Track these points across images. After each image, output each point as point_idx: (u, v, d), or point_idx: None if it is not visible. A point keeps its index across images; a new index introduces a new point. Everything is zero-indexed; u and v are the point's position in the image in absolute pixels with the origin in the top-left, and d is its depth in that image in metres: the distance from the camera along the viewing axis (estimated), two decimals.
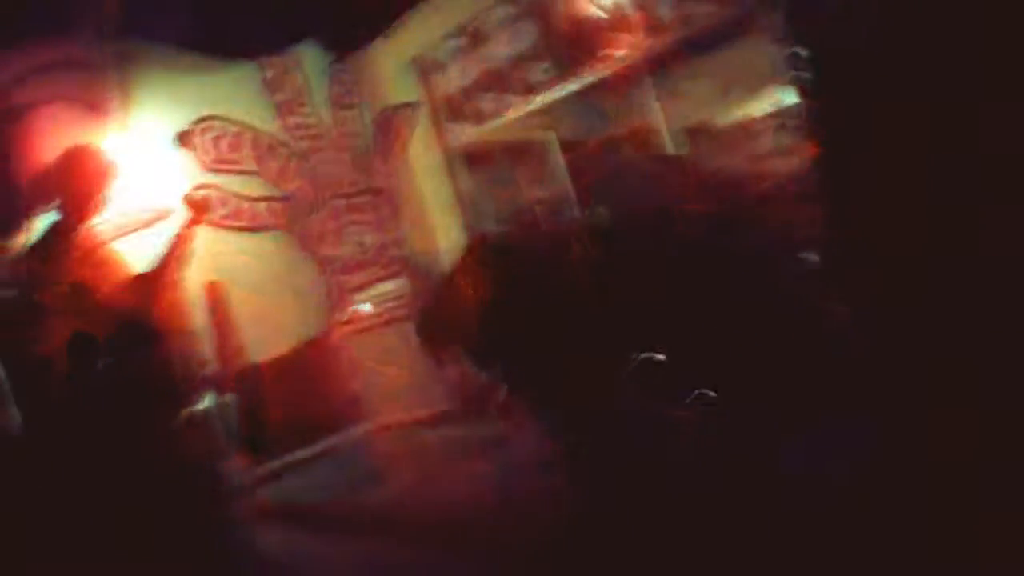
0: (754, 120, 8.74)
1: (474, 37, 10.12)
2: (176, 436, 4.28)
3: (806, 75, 6.24)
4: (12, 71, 7.73)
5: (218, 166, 9.16)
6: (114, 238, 7.16)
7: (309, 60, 10.33)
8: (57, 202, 7.64)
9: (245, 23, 8.59)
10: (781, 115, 8.42)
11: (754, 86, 8.78)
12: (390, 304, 8.83)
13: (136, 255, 7.43)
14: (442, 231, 10.72)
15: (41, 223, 6.98)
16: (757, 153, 8.84)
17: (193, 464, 4.40)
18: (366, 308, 9.10)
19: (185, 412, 5.40)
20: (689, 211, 7.41)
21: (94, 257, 4.48)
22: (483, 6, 9.84)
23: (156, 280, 6.11)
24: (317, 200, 9.95)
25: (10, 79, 7.71)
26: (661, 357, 6.30)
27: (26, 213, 7.63)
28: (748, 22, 8.03)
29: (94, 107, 8.18)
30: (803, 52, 6.31)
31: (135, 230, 7.91)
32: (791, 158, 8.09)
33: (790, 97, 8.03)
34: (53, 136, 7.84)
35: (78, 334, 4.55)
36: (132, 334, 5.30)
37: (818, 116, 5.72)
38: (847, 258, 5.30)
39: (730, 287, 6.18)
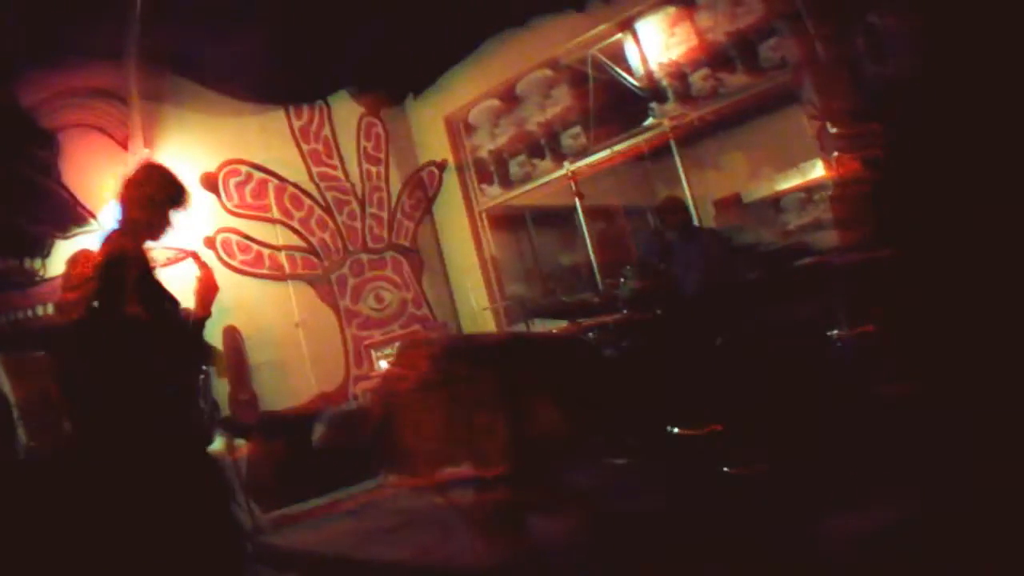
0: (783, 193, 8.70)
1: (507, 100, 10.16)
2: (187, 477, 4.17)
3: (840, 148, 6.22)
4: (44, 93, 7.78)
5: (241, 211, 9.17)
6: None
7: (340, 112, 10.40)
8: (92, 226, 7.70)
9: (279, 70, 8.64)
10: (809, 189, 8.39)
11: (784, 159, 8.75)
12: None
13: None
14: (465, 292, 10.67)
15: (73, 247, 7.00)
16: (785, 227, 8.78)
17: (202, 506, 4.27)
18: (383, 365, 8.99)
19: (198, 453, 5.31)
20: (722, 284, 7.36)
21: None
22: (518, 70, 9.88)
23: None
24: (340, 253, 9.92)
25: (41, 101, 7.76)
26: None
27: (55, 234, 7.67)
28: (780, 95, 8.01)
29: (121, 137, 8.21)
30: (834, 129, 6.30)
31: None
32: (820, 232, 8.04)
33: (819, 171, 8.03)
34: (79, 162, 7.88)
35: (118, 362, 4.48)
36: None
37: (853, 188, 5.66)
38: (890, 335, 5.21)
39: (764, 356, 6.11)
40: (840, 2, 5.71)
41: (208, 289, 4.54)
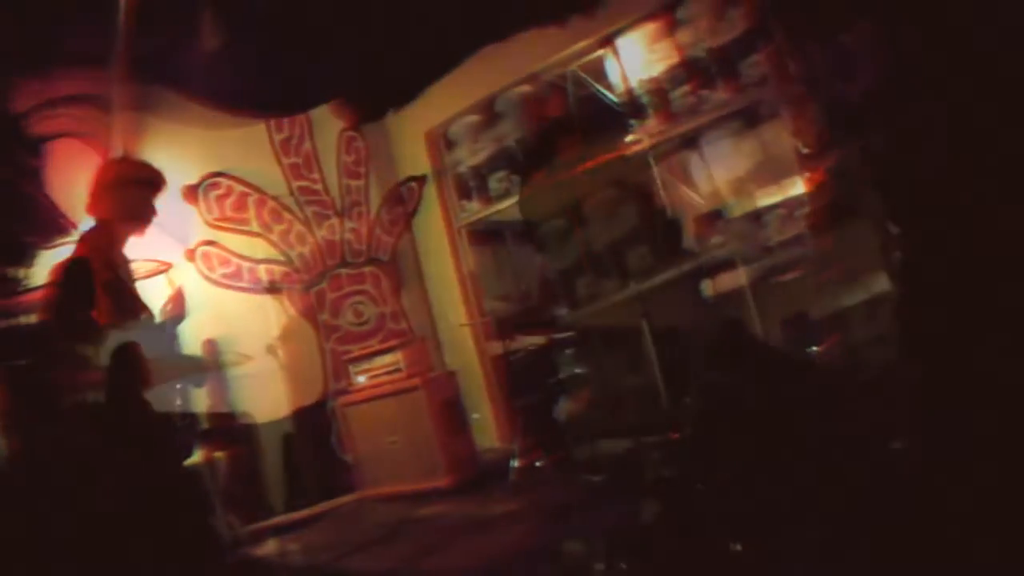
0: (764, 209, 8.69)
1: (488, 116, 10.17)
2: (166, 489, 4.16)
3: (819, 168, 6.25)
4: (30, 101, 7.76)
5: (221, 224, 9.13)
6: None
7: (321, 126, 10.37)
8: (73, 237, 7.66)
9: (260, 82, 8.61)
10: (791, 205, 8.40)
11: (766, 175, 8.76)
12: (387, 377, 8.69)
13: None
14: (444, 307, 10.68)
15: (57, 257, 6.95)
16: (767, 243, 8.79)
17: (181, 518, 4.27)
18: (362, 380, 8.96)
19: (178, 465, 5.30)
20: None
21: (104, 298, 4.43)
22: (499, 86, 9.90)
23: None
24: (320, 267, 9.90)
25: (28, 108, 7.74)
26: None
27: (38, 244, 7.62)
28: (761, 111, 8.04)
29: (102, 147, 8.18)
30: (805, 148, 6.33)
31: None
32: (802, 247, 8.06)
33: (800, 187, 8.04)
34: (61, 171, 7.85)
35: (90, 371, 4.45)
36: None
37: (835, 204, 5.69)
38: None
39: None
40: (811, 20, 5.75)
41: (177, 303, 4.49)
